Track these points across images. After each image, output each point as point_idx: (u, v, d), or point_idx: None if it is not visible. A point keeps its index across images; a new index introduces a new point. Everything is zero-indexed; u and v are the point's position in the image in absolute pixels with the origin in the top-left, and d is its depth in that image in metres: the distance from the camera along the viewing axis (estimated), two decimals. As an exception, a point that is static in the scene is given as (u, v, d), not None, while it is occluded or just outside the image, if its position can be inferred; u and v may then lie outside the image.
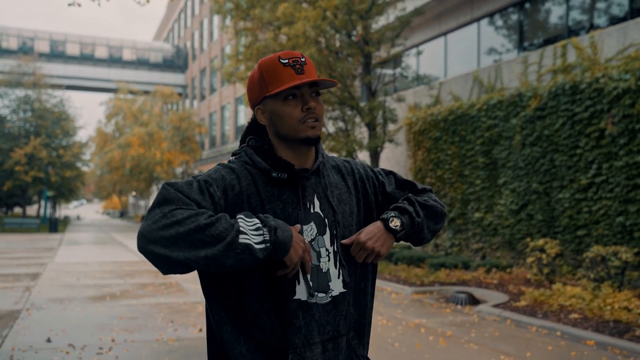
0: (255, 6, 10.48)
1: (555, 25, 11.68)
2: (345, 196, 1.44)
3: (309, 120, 1.32)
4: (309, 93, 1.33)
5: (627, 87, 8.14)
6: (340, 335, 1.37)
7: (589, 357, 5.08)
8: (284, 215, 1.31)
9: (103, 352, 4.89)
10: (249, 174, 1.32)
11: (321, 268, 1.34)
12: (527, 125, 10.06)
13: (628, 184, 8.21)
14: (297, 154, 1.37)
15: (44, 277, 10.12)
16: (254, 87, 1.38)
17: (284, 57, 1.33)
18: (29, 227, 28.06)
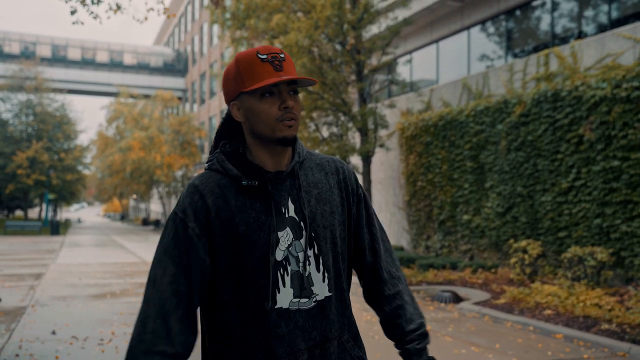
0: (250, 16, 10.94)
1: (540, 34, 12.12)
2: (327, 195, 1.39)
3: (286, 119, 1.28)
4: (287, 91, 1.28)
5: (604, 95, 8.56)
6: (329, 340, 1.34)
7: (554, 349, 5.49)
8: (257, 224, 1.28)
9: (104, 343, 5.32)
10: (217, 186, 1.30)
11: (302, 273, 1.31)
12: (512, 131, 10.47)
13: (605, 188, 8.62)
14: (272, 153, 1.33)
15: (47, 277, 10.55)
16: (229, 81, 1.32)
17: (263, 52, 1.28)
18: (30, 230, 28.51)
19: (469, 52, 14.06)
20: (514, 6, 12.56)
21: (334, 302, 1.35)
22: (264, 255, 1.27)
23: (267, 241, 1.28)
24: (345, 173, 1.45)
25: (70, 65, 39.71)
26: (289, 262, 1.30)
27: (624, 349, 5.37)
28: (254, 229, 1.28)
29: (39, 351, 4.96)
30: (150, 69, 42.07)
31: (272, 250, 1.28)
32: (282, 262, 1.29)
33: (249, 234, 1.28)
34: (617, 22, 10.08)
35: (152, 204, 50.51)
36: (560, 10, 11.61)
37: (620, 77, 8.35)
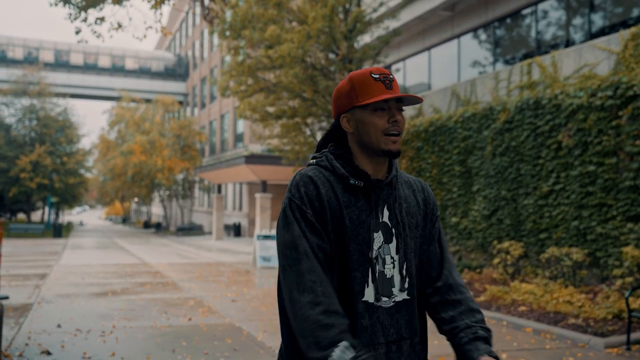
0: (246, 27, 11.44)
1: (525, 44, 12.61)
2: (414, 210, 1.53)
3: (393, 131, 1.42)
4: (396, 107, 1.44)
5: (581, 103, 9.02)
6: (403, 338, 1.44)
7: (521, 341, 5.95)
8: (359, 222, 1.41)
9: (105, 335, 5.81)
10: (326, 181, 1.43)
11: (385, 274, 1.43)
12: (497, 137, 10.93)
13: (582, 192, 9.07)
14: (374, 164, 1.47)
15: (51, 277, 11.04)
16: (342, 96, 1.47)
17: (376, 72, 1.44)
18: (33, 232, 29.04)
19: (459, 60, 14.55)
20: (502, 16, 13.05)
21: (409, 306, 1.47)
22: (361, 251, 1.41)
23: (365, 238, 1.41)
24: (429, 194, 1.61)
25: (72, 70, 40.32)
26: (377, 261, 1.42)
27: (584, 341, 5.83)
28: (355, 225, 1.41)
29: (46, 341, 5.45)
30: (151, 74, 42.65)
31: (370, 248, 1.41)
32: (373, 261, 1.41)
33: (352, 228, 1.40)
34: (594, 34, 10.57)
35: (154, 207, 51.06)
36: (544, 21, 12.10)
37: (596, 86, 8.81)
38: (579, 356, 5.29)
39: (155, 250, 19.91)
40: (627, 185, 8.23)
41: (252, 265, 13.69)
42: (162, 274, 11.94)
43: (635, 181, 8.11)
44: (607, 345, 5.64)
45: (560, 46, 11.45)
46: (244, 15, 11.16)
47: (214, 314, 7.24)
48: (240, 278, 11.38)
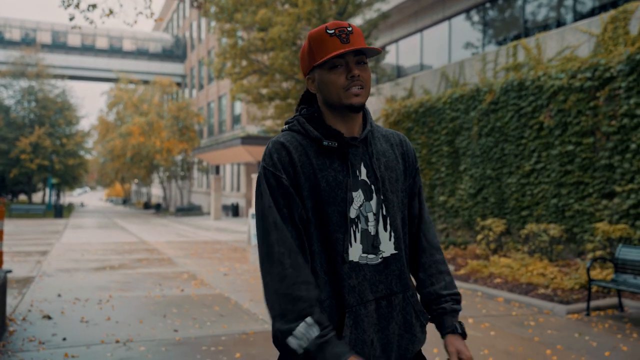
0: (239, 10, 11.68)
1: (513, 26, 12.85)
2: (393, 163, 1.52)
3: (353, 87, 1.38)
4: (354, 61, 1.38)
5: (561, 85, 9.33)
6: (394, 293, 1.44)
7: (490, 308, 6.38)
8: (335, 183, 1.40)
9: (102, 303, 6.24)
10: (299, 145, 1.42)
11: (370, 232, 1.42)
12: (483, 118, 11.25)
13: (561, 170, 9.44)
14: (345, 121, 1.44)
15: (52, 253, 11.49)
16: (304, 57, 1.45)
17: (331, 27, 1.39)
18: (35, 213, 29.54)
19: (450, 42, 14.79)
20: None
21: (398, 260, 1.46)
22: (340, 212, 1.39)
23: (343, 199, 1.40)
24: (408, 146, 1.60)
25: (70, 52, 40.41)
26: (359, 220, 1.41)
27: (549, 308, 6.26)
28: (332, 187, 1.39)
29: (47, 308, 5.88)
30: (149, 55, 42.71)
31: (348, 208, 1.40)
32: (354, 220, 1.41)
33: (328, 190, 1.39)
34: (578, 17, 10.82)
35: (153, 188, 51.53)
36: (532, 3, 12.32)
37: (576, 68, 9.11)
38: (541, 321, 5.71)
39: (154, 229, 20.37)
40: (602, 164, 8.58)
41: (247, 243, 14.12)
42: (159, 251, 12.39)
43: (610, 160, 8.46)
44: (568, 311, 6.07)
45: (546, 28, 11.70)
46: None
47: (206, 286, 7.67)
48: (234, 255, 11.82)
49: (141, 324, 5.23)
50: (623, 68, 8.20)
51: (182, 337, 4.82)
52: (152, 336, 4.81)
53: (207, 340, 4.71)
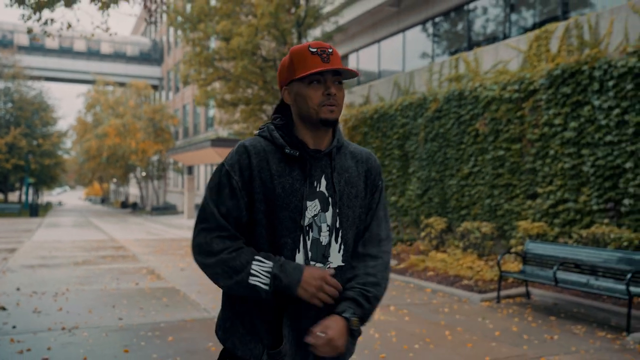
0: (203, 21, 11.99)
1: (458, 39, 13.45)
2: (355, 180, 1.53)
3: (328, 104, 1.42)
4: (332, 81, 1.43)
5: (494, 96, 9.91)
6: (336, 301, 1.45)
7: (415, 297, 6.86)
8: (291, 190, 1.42)
9: (57, 296, 6.53)
10: (262, 150, 1.45)
11: (321, 241, 1.44)
12: (429, 124, 11.79)
13: (493, 173, 10.01)
14: (314, 134, 1.47)
15: (20, 251, 11.63)
16: (283, 70, 1.49)
17: (314, 46, 1.44)
18: (10, 212, 29.21)
19: (404, 52, 15.34)
20: (440, 12, 13.86)
21: (345, 272, 1.49)
22: (292, 218, 1.42)
23: (297, 206, 1.42)
24: (373, 164, 1.60)
25: (48, 54, 39.90)
26: (312, 229, 1.43)
27: (467, 297, 6.78)
28: (287, 193, 1.41)
29: (4, 301, 6.14)
30: (127, 58, 42.45)
31: (302, 215, 1.42)
32: (306, 228, 1.42)
33: (283, 196, 1.41)
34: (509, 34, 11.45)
35: (131, 188, 51.16)
36: (473, 19, 12.94)
37: (506, 80, 9.69)
38: (455, 308, 6.21)
39: (126, 228, 20.47)
40: (527, 167, 9.18)
41: (212, 241, 14.42)
42: (125, 248, 12.61)
43: (533, 164, 9.06)
44: (482, 299, 6.59)
45: (484, 43, 12.32)
46: (200, 10, 11.72)
47: (161, 280, 8.00)
48: (197, 251, 12.12)
49: (90, 314, 5.56)
50: (544, 82, 8.80)
51: (125, 324, 5.17)
52: (97, 324, 5.15)
53: (147, 327, 5.07)
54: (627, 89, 7.42)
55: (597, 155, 7.85)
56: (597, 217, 7.85)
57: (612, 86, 7.66)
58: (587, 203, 8.02)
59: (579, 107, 8.21)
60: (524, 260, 6.81)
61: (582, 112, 8.14)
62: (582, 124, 8.15)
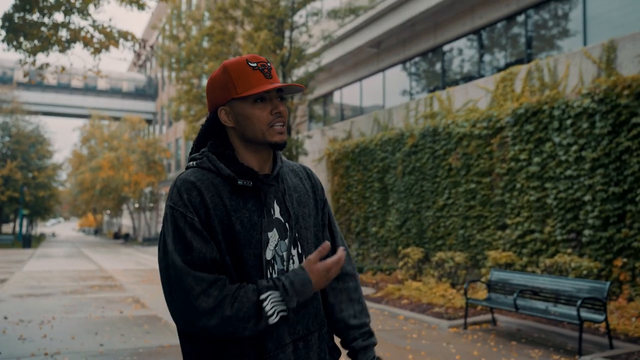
0: (192, 61, 12.42)
1: (433, 79, 13.98)
2: (305, 198, 1.42)
3: (277, 124, 1.29)
4: (277, 97, 1.30)
5: (465, 132, 10.30)
6: (311, 332, 1.35)
7: (387, 324, 7.02)
8: (250, 224, 1.27)
9: (44, 324, 6.62)
10: (211, 184, 1.27)
11: (286, 271, 1.32)
12: (406, 158, 12.14)
13: (466, 205, 10.31)
14: (259, 158, 1.33)
15: (10, 281, 11.64)
16: (217, 87, 1.30)
17: (252, 60, 1.29)
18: (3, 243, 28.97)
19: (384, 90, 15.86)
20: (416, 54, 14.44)
21: (314, 298, 1.37)
22: (256, 255, 1.27)
23: (259, 241, 1.27)
24: (315, 179, 1.50)
25: (46, 90, 40.32)
26: (275, 261, 1.30)
27: (436, 323, 6.95)
28: (247, 229, 1.27)
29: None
30: (122, 93, 42.99)
31: (264, 250, 1.27)
32: (270, 261, 1.29)
33: (244, 233, 1.26)
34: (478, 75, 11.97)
35: (124, 219, 50.92)
36: (447, 60, 13.50)
37: (476, 118, 10.11)
38: (423, 334, 6.38)
39: (116, 258, 20.42)
40: (497, 200, 9.49)
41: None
42: (113, 278, 12.65)
43: (502, 197, 9.37)
44: (450, 325, 6.77)
45: (456, 83, 12.84)
46: (190, 51, 12.15)
47: (145, 308, 8.09)
48: (184, 281, 12.19)
49: (72, 340, 5.67)
50: (510, 120, 9.21)
51: (105, 349, 5.29)
52: (78, 349, 5.27)
53: (127, 352, 5.20)
54: (583, 128, 7.82)
55: (559, 189, 8.19)
56: (561, 246, 8.13)
57: (569, 124, 8.06)
58: (551, 234, 8.31)
59: (542, 144, 8.60)
60: (489, 289, 7.03)
61: (544, 148, 8.52)
62: (545, 159, 8.52)
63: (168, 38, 12.99)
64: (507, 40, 12.28)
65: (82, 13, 6.48)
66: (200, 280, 1.20)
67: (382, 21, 14.42)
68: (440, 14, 13.28)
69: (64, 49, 6.65)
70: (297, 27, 13.19)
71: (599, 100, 7.57)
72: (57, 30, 6.39)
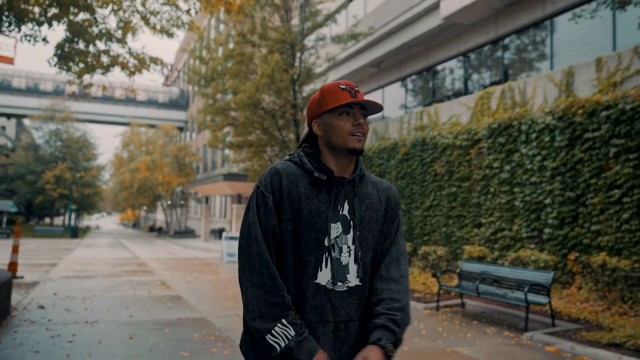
0: (215, 79, 12.98)
1: (425, 95, 14.32)
2: (376, 206, 1.46)
3: (357, 133, 1.38)
4: (360, 113, 1.40)
5: (449, 143, 10.64)
6: (352, 320, 1.38)
7: (372, 307, 7.41)
8: (317, 212, 1.36)
9: (85, 300, 7.17)
10: (292, 174, 1.39)
11: (341, 261, 1.37)
12: (399, 165, 12.51)
13: (448, 206, 10.65)
14: (340, 163, 1.41)
15: (59, 265, 12.29)
16: (313, 105, 1.44)
17: (343, 84, 1.41)
18: (54, 234, 29.96)
19: (383, 104, 16.24)
20: (411, 73, 14.80)
21: (360, 291, 1.40)
22: (317, 238, 1.35)
23: (322, 227, 1.36)
24: (392, 194, 1.53)
25: (93, 100, 41.47)
26: (333, 249, 1.36)
27: (413, 306, 7.32)
28: (314, 214, 1.36)
29: (43, 302, 6.79)
30: (158, 104, 44.00)
31: (325, 236, 1.35)
32: (328, 248, 1.35)
33: (310, 217, 1.35)
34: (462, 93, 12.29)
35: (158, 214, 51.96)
36: (437, 80, 13.84)
37: (458, 131, 10.44)
38: (400, 314, 6.76)
39: (150, 248, 21.08)
40: (474, 202, 9.82)
41: (220, 260, 15.02)
42: (146, 264, 13.24)
43: (479, 199, 9.70)
44: (425, 308, 7.14)
45: (453, 97, 13.18)
46: (212, 71, 12.71)
47: (170, 289, 8.61)
48: (205, 269, 12.72)
49: (108, 312, 6.19)
50: (485, 133, 9.54)
51: (134, 320, 5.80)
52: (112, 319, 5.78)
53: (150, 322, 5.70)
54: (545, 141, 8.13)
55: (525, 193, 8.50)
56: (526, 242, 8.44)
57: (534, 138, 8.38)
58: (518, 231, 8.62)
59: (511, 154, 8.92)
60: (460, 277, 7.39)
61: (513, 157, 8.84)
62: (514, 167, 8.84)
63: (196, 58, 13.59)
64: (487, 63, 12.60)
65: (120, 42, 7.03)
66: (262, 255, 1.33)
67: (382, 44, 14.82)
68: (431, 39, 13.65)
69: (105, 72, 7.20)
70: (307, 49, 13.66)
71: (558, 118, 7.88)
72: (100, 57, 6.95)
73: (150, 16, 6.76)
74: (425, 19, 12.95)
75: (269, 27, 12.97)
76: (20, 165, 33.90)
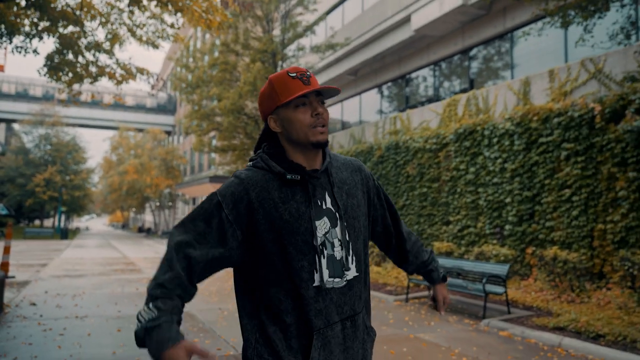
0: (200, 86, 13.08)
1: (398, 101, 14.66)
2: (354, 190, 1.36)
3: (318, 125, 1.25)
4: (317, 101, 1.26)
5: (420, 146, 10.96)
6: (357, 313, 1.31)
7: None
8: (298, 214, 1.24)
9: (75, 297, 7.24)
10: (261, 180, 1.26)
11: (335, 257, 1.27)
12: (375, 167, 12.79)
13: (420, 205, 10.96)
14: (307, 157, 1.29)
15: (50, 265, 12.22)
16: (265, 100, 1.29)
17: (292, 71, 1.26)
18: (44, 235, 29.48)
19: (360, 110, 16.54)
20: (385, 81, 15.13)
21: (359, 281, 1.33)
22: (305, 241, 1.24)
23: (307, 228, 1.24)
24: (365, 171, 1.45)
25: (82, 105, 40.82)
26: (325, 246, 1.27)
27: (385, 298, 7.58)
28: (295, 218, 1.24)
29: (35, 300, 6.84)
30: (146, 109, 43.62)
31: (313, 237, 1.24)
32: (320, 247, 1.25)
33: (292, 222, 1.24)
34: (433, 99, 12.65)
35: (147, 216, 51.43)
36: (413, 85, 14.19)
37: (428, 135, 10.77)
38: (372, 306, 7.01)
39: (139, 248, 20.97)
40: (443, 201, 10.14)
41: (206, 258, 15.06)
42: (134, 263, 13.25)
43: (447, 199, 10.02)
44: (395, 300, 7.40)
45: (426, 102, 13.53)
46: (198, 78, 12.82)
47: (157, 286, 8.70)
48: (192, 266, 12.79)
49: (97, 308, 6.29)
50: (452, 137, 9.88)
51: (122, 314, 5.92)
52: (101, 314, 5.89)
53: (138, 317, 5.82)
54: (505, 145, 8.49)
55: (488, 193, 8.85)
56: (489, 238, 8.79)
57: (496, 142, 8.74)
58: (482, 228, 8.97)
59: (476, 157, 9.27)
60: (427, 271, 7.67)
61: (477, 160, 9.19)
62: (478, 169, 9.19)
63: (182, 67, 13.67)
64: (457, 72, 13.00)
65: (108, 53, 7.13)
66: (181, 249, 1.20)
67: (358, 54, 15.12)
68: (403, 49, 13.99)
69: (93, 81, 7.29)
70: (287, 58, 13.86)
71: (516, 124, 8.25)
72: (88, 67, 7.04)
73: (137, 29, 6.89)
74: (398, 31, 13.29)
75: (252, 37, 13.14)
76: (11, 169, 33.28)
